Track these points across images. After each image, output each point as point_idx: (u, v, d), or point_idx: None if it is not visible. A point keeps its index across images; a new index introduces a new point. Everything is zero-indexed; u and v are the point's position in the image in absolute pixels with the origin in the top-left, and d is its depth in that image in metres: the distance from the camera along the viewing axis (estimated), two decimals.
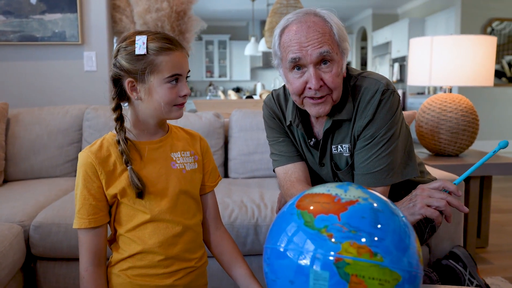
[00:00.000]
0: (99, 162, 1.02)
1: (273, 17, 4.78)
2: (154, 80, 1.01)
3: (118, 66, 1.03)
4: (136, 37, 1.02)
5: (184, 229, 1.09)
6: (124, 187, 1.03)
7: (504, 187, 4.31)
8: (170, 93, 1.02)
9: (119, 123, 1.05)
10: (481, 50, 2.54)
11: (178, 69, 1.03)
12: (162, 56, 1.01)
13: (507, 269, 2.36)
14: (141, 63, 1.00)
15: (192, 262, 1.11)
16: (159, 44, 1.01)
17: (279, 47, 1.19)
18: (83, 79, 2.88)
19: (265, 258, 0.81)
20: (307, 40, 1.12)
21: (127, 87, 1.03)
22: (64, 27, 2.78)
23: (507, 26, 6.49)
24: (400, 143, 1.23)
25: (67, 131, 2.45)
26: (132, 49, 1.01)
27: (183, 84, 1.05)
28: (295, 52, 1.13)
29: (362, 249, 0.68)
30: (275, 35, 1.20)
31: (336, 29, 1.15)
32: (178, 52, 1.03)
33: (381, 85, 1.19)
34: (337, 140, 1.27)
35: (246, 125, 2.49)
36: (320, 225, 0.72)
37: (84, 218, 1.02)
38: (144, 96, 1.03)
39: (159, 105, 1.03)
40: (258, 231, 1.82)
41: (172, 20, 2.86)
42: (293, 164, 1.35)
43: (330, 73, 1.14)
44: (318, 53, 1.12)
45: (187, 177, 1.11)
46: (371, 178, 1.21)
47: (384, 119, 1.19)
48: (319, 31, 1.12)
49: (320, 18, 1.15)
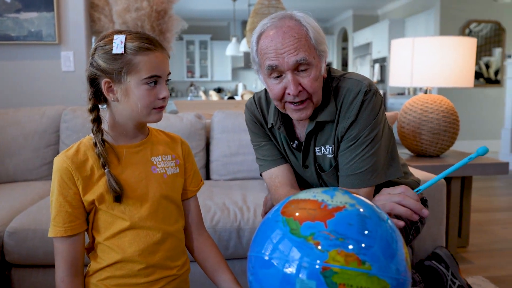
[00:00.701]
0: (75, 167, 0.98)
1: (254, 18, 4.75)
2: (131, 80, 0.97)
3: (94, 65, 0.99)
4: (115, 36, 0.98)
5: (166, 236, 1.06)
6: (102, 193, 0.99)
7: (482, 186, 4.38)
8: (148, 95, 0.98)
9: (96, 125, 1.01)
10: (462, 51, 2.57)
11: (157, 71, 0.99)
12: (140, 56, 0.97)
13: (487, 269, 2.38)
14: (118, 63, 0.96)
15: (174, 270, 1.08)
16: (137, 43, 0.97)
17: (256, 53, 1.18)
18: (61, 79, 2.81)
19: (250, 266, 0.78)
20: (283, 46, 1.11)
21: (103, 88, 0.99)
22: (41, 26, 2.70)
23: (484, 27, 6.62)
24: (383, 144, 1.22)
25: (44, 133, 2.38)
26: (110, 48, 0.97)
27: (162, 86, 1.01)
28: (272, 59, 1.12)
29: (350, 257, 0.67)
30: (252, 41, 1.19)
31: (312, 33, 1.13)
32: (158, 53, 0.99)
33: (364, 86, 1.19)
34: (321, 141, 1.26)
35: (228, 126, 2.47)
36: (306, 233, 0.70)
37: (60, 226, 0.98)
38: (121, 97, 0.99)
39: (137, 107, 0.99)
40: (241, 235, 1.79)
41: (152, 19, 2.81)
42: (277, 168, 1.34)
43: (308, 78, 1.14)
44: (294, 60, 1.11)
45: (168, 182, 1.08)
46: (355, 179, 1.20)
47: (367, 120, 1.18)
48: (294, 36, 1.11)
49: (296, 22, 1.14)
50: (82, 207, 1.00)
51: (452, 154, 2.79)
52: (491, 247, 2.71)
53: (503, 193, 4.17)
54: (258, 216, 1.82)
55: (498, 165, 2.56)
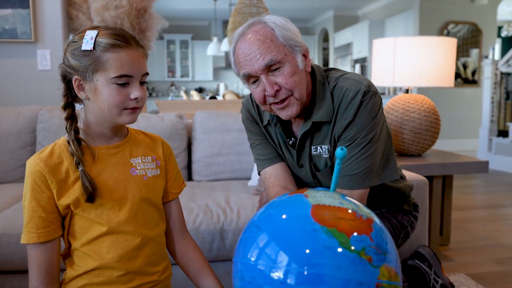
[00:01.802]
0: (49, 170, 0.93)
1: (236, 17, 4.73)
2: (99, 79, 0.92)
3: (66, 62, 0.95)
4: (87, 31, 0.93)
5: (146, 241, 1.02)
6: (77, 197, 0.94)
7: (462, 184, 4.44)
8: (118, 94, 0.93)
9: (70, 122, 0.96)
10: (442, 51, 2.59)
11: (127, 70, 0.93)
12: (110, 54, 0.92)
13: (469, 266, 2.41)
14: (86, 60, 0.92)
15: (154, 276, 1.04)
16: (108, 40, 0.92)
17: (234, 64, 1.21)
18: (37, 78, 2.73)
19: (286, 281, 0.66)
20: (249, 53, 1.14)
21: (74, 85, 0.95)
22: (15, 24, 2.62)
23: (462, 29, 6.73)
24: (380, 146, 1.21)
25: (19, 133, 2.31)
26: (80, 44, 0.93)
27: (135, 86, 0.95)
28: (244, 68, 1.16)
29: (392, 271, 0.66)
30: (230, 53, 1.22)
31: (278, 31, 1.14)
32: (131, 51, 0.94)
33: (363, 86, 1.17)
34: (317, 141, 1.25)
35: (210, 126, 2.43)
36: (358, 247, 0.65)
37: (33, 232, 0.93)
38: (90, 96, 0.94)
39: (105, 107, 0.94)
40: (224, 236, 1.76)
41: (132, 18, 2.75)
42: (271, 167, 1.34)
43: (282, 76, 1.14)
44: (262, 64, 1.13)
45: (149, 184, 1.04)
46: (350, 180, 1.19)
47: (365, 121, 1.17)
48: (259, 39, 1.13)
49: (262, 24, 1.16)
50: (57, 212, 0.95)
51: (433, 153, 2.81)
52: (471, 245, 2.75)
53: (482, 191, 4.24)
54: (242, 217, 1.80)
55: (478, 163, 2.59)
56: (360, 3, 8.47)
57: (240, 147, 2.42)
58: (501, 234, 2.94)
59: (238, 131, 2.43)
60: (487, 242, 2.80)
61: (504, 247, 2.71)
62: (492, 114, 5.52)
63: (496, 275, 2.30)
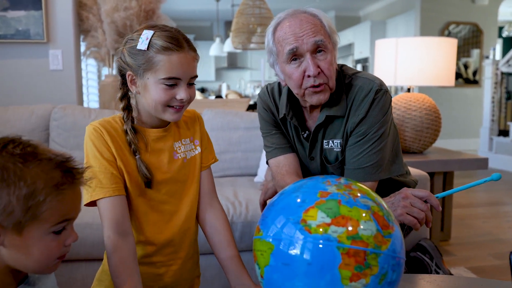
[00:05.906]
0: (108, 134, 1.01)
1: (239, 18, 4.78)
2: (150, 77, 0.99)
3: (122, 58, 1.03)
4: (144, 30, 0.99)
5: (183, 218, 1.11)
6: (129, 171, 1.02)
7: (463, 183, 4.49)
8: (165, 94, 0.99)
9: (126, 113, 1.04)
10: (443, 51, 2.66)
11: (176, 72, 0.98)
12: (161, 55, 0.97)
13: (469, 260, 2.48)
14: (140, 58, 0.98)
15: (184, 253, 1.13)
16: (161, 42, 0.97)
17: (273, 44, 1.23)
18: (49, 78, 2.80)
19: None
20: (301, 30, 1.17)
21: (127, 79, 1.02)
22: (29, 25, 2.70)
23: (463, 29, 6.79)
24: (389, 141, 1.29)
25: (33, 131, 2.38)
26: (136, 43, 0.99)
27: (182, 88, 1.00)
28: (292, 43, 1.17)
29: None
30: (267, 34, 1.24)
31: (326, 23, 1.21)
32: (182, 55, 0.98)
33: (375, 85, 1.25)
34: (329, 135, 1.31)
35: (217, 124, 2.50)
36: None
37: (108, 187, 0.98)
38: (141, 91, 1.02)
39: (152, 103, 1.01)
40: (234, 228, 1.83)
41: (141, 19, 2.82)
42: (284, 156, 1.37)
43: (325, 61, 1.19)
44: (313, 41, 1.17)
45: (188, 166, 1.12)
46: (361, 172, 1.26)
47: (376, 117, 1.24)
48: (311, 22, 1.19)
49: (309, 14, 1.22)
50: (120, 174, 1.02)
51: (434, 151, 2.88)
52: (472, 240, 2.81)
53: (483, 189, 4.30)
54: (250, 210, 1.87)
55: (478, 160, 2.66)
56: (361, 4, 8.53)
57: (247, 144, 2.48)
58: (501, 230, 3.01)
59: (245, 129, 2.50)
60: (487, 237, 2.87)
61: (504, 242, 2.78)
62: (492, 113, 5.59)
63: (496, 268, 2.37)
